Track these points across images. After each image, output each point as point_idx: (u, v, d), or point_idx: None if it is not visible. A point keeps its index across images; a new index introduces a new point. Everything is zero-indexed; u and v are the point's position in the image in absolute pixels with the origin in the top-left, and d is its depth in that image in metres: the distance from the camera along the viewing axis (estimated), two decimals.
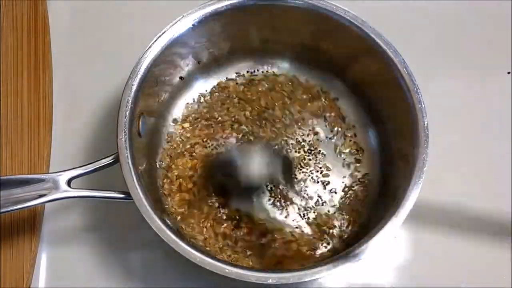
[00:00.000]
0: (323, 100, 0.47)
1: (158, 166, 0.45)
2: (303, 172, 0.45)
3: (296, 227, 0.43)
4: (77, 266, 0.43)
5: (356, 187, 0.45)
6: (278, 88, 0.48)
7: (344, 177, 0.45)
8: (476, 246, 0.44)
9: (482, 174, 0.47)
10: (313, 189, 0.44)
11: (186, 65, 0.46)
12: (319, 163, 0.45)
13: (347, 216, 0.44)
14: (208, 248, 0.41)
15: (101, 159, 0.38)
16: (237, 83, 0.48)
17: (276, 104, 0.47)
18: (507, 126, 0.49)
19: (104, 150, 0.39)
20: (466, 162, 0.47)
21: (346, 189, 0.45)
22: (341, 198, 0.44)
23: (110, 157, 0.38)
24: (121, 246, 0.44)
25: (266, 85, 0.48)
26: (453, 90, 0.50)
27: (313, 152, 0.46)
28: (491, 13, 0.54)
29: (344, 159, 0.46)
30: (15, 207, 0.36)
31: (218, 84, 0.48)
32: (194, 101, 0.48)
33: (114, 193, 0.38)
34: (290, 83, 0.48)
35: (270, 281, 0.34)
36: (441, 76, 0.50)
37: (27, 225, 0.44)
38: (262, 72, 0.49)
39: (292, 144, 0.46)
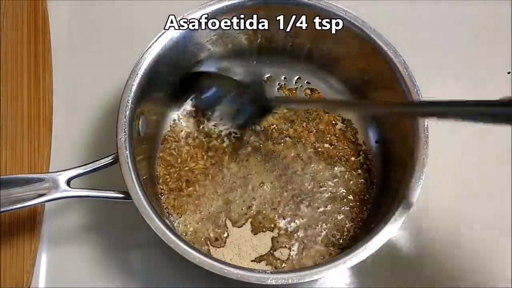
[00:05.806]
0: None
1: (157, 166, 0.45)
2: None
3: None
4: (77, 266, 0.43)
5: (356, 187, 0.45)
6: None
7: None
8: (476, 246, 0.44)
9: (482, 174, 0.47)
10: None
11: (186, 65, 0.45)
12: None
13: (347, 217, 0.44)
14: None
15: (101, 159, 0.38)
16: None
17: None
18: (507, 126, 0.48)
19: (104, 150, 0.39)
20: (466, 163, 0.47)
21: (346, 190, 0.45)
22: (341, 198, 0.44)
23: (110, 157, 0.38)
24: (121, 246, 0.44)
25: None
26: (453, 91, 0.50)
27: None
28: (491, 14, 0.54)
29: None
30: (14, 206, 0.36)
31: None
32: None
33: (114, 193, 0.38)
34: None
35: (269, 282, 0.34)
36: (441, 77, 0.51)
37: (27, 225, 0.44)
38: None
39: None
